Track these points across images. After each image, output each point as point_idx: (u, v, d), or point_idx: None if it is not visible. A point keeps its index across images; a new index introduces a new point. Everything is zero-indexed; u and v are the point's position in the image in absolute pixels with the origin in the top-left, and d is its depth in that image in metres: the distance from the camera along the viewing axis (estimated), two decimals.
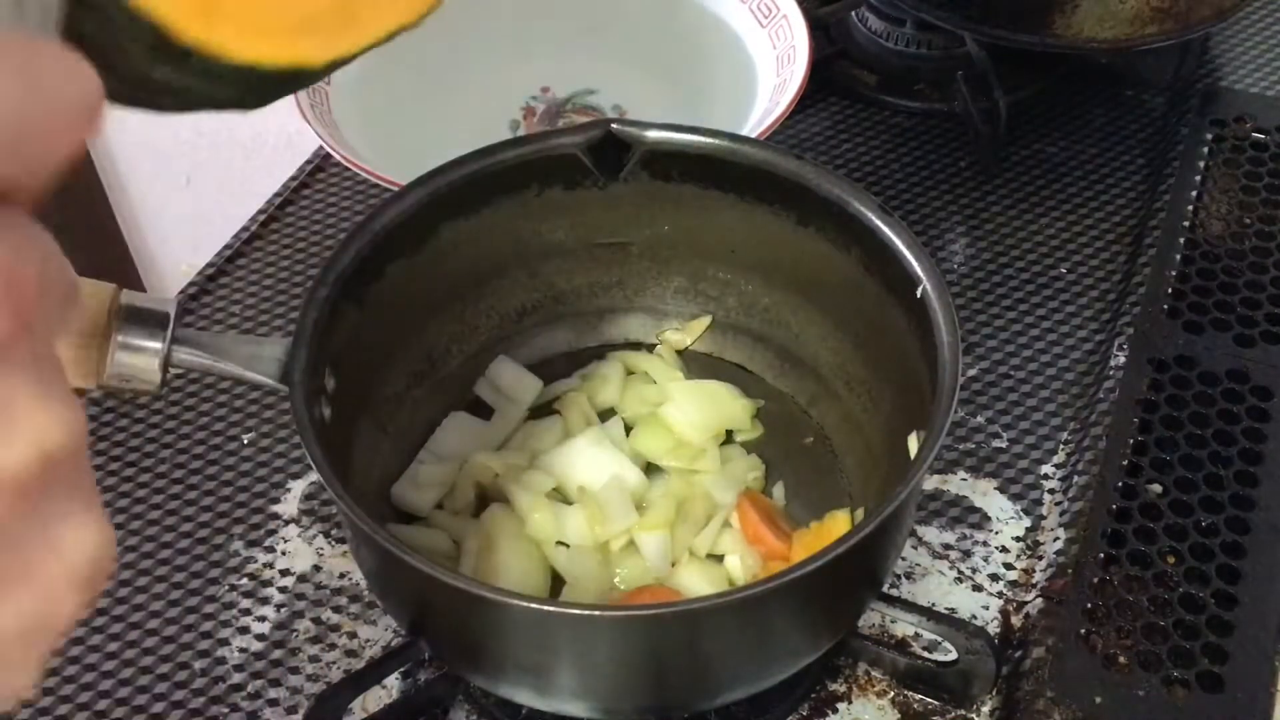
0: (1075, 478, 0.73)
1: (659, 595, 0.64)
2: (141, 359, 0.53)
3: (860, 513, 0.68)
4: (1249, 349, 0.79)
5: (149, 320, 0.53)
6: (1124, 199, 0.93)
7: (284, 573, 0.71)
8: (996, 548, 0.72)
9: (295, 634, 0.68)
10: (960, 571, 0.70)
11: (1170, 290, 0.83)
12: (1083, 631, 0.65)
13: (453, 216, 0.68)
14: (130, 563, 0.71)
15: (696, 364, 0.77)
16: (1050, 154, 0.97)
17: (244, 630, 0.68)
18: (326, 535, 0.73)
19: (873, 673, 0.66)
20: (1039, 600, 0.68)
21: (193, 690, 0.66)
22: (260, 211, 0.93)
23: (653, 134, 0.67)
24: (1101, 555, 0.68)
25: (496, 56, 0.96)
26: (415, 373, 0.72)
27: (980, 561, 0.71)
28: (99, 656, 0.67)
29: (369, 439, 0.67)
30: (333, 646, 0.68)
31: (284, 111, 0.81)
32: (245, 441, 0.78)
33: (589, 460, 0.69)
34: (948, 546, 0.72)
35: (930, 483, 0.74)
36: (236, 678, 0.66)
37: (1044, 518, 0.73)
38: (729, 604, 0.52)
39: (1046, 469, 0.75)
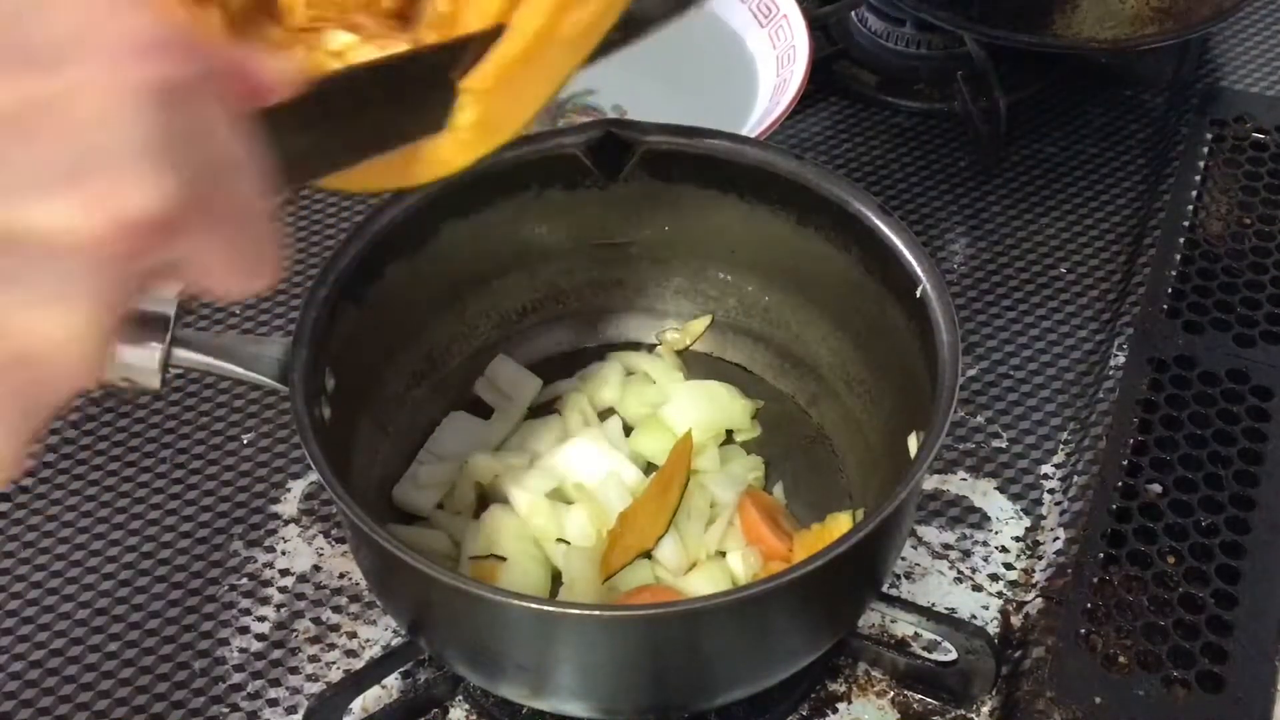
0: (1075, 478, 0.73)
1: (659, 595, 0.64)
2: (141, 359, 0.53)
3: (860, 513, 0.68)
4: (1249, 349, 0.79)
5: (149, 320, 0.53)
6: (1124, 199, 0.93)
7: (284, 573, 0.71)
8: (996, 548, 0.72)
9: (295, 634, 0.68)
10: (960, 571, 0.70)
11: (1170, 290, 0.83)
12: (1083, 631, 0.65)
13: (453, 216, 0.68)
14: (130, 563, 0.71)
15: (696, 364, 0.77)
16: (1050, 154, 0.97)
17: (244, 630, 0.68)
18: (326, 535, 0.73)
19: (873, 673, 0.66)
20: (1039, 600, 0.68)
21: (193, 690, 0.66)
22: None
23: (653, 134, 0.67)
24: (1101, 555, 0.68)
25: None
26: (415, 373, 0.72)
27: (980, 561, 0.71)
28: (99, 656, 0.67)
29: (369, 439, 0.67)
30: (333, 646, 0.68)
31: None
32: (245, 441, 0.78)
33: (588, 460, 0.69)
34: (948, 546, 0.72)
35: (930, 483, 0.74)
36: (236, 678, 0.66)
37: (1044, 518, 0.73)
38: (729, 604, 0.52)
39: (1046, 469, 0.75)
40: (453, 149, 0.49)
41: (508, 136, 0.50)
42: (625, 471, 0.69)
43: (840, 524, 0.66)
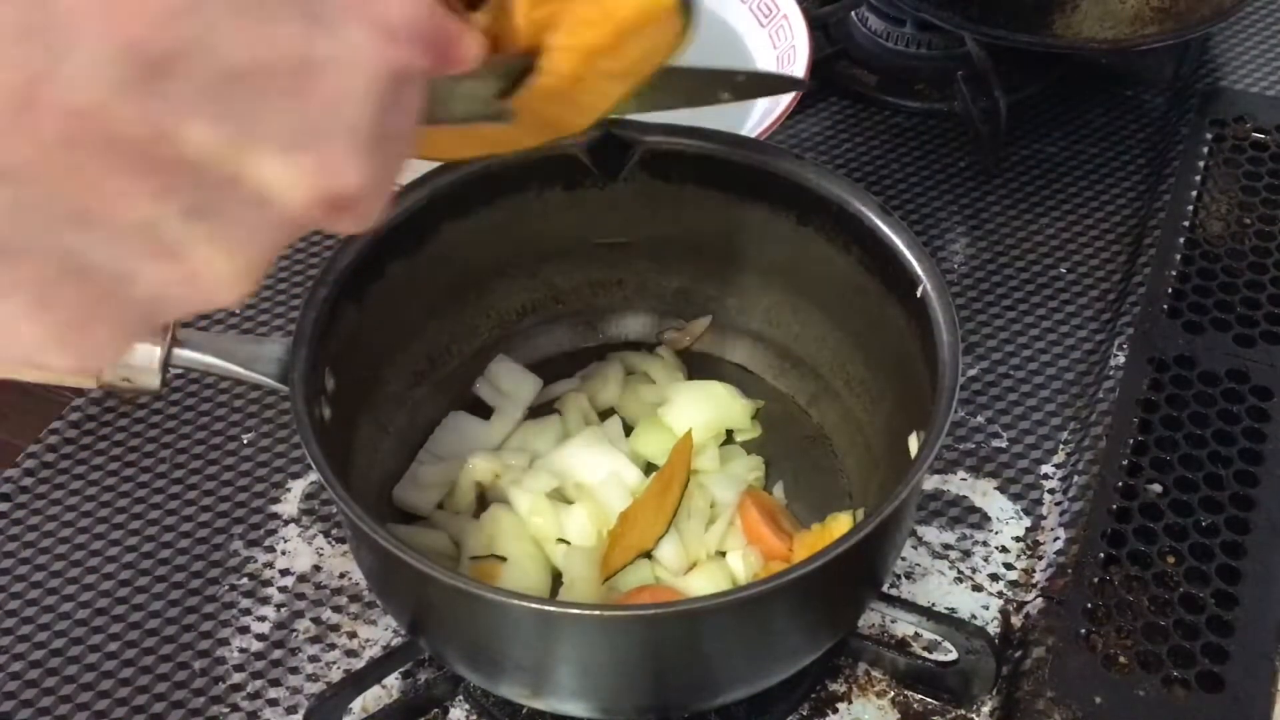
0: (1075, 478, 0.73)
1: (659, 595, 0.64)
2: (141, 359, 0.53)
3: (860, 513, 0.68)
4: (1249, 349, 0.79)
5: None
6: (1124, 199, 0.93)
7: (284, 573, 0.71)
8: (996, 548, 0.72)
9: (295, 634, 0.68)
10: (960, 571, 0.70)
11: (1170, 290, 0.83)
12: (1083, 631, 0.65)
13: (453, 216, 0.67)
14: (130, 563, 0.71)
15: (696, 364, 0.77)
16: (1050, 154, 0.97)
17: (244, 630, 0.68)
18: (326, 535, 0.73)
19: (873, 673, 0.66)
20: (1039, 600, 0.68)
21: (193, 690, 0.66)
22: None
23: (652, 134, 0.67)
24: (1101, 555, 0.68)
25: None
26: (415, 373, 0.72)
27: (980, 561, 0.71)
28: (99, 656, 0.67)
29: (369, 439, 0.67)
30: (333, 646, 0.68)
31: None
32: (245, 441, 0.78)
33: (588, 460, 0.69)
34: (948, 546, 0.72)
35: (930, 483, 0.74)
36: (236, 678, 0.66)
37: (1044, 518, 0.73)
38: (729, 604, 0.51)
39: (1046, 469, 0.75)
40: (512, 135, 0.49)
41: (567, 133, 0.50)
42: (625, 471, 0.69)
43: (840, 524, 0.66)
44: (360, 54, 0.30)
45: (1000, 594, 0.69)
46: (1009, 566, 0.71)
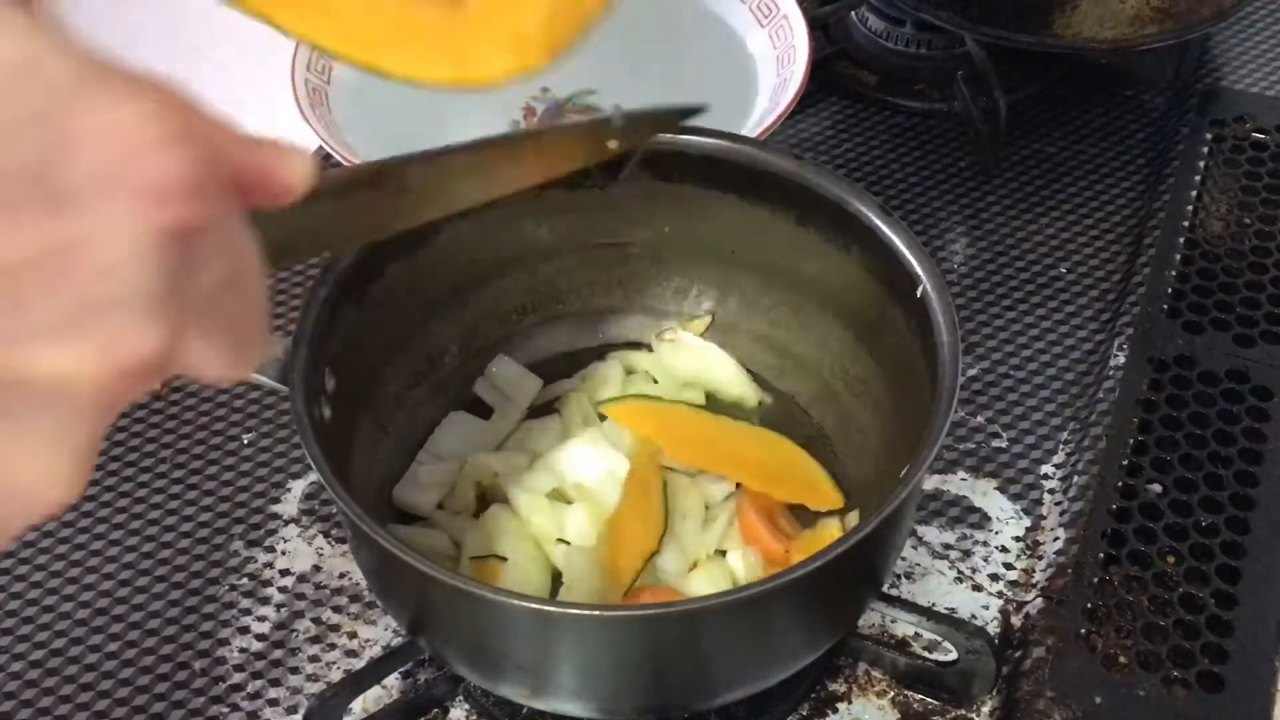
0: (1075, 478, 0.73)
1: (659, 595, 0.64)
2: None
3: (858, 513, 0.68)
4: (1249, 349, 0.79)
5: None
6: (1124, 199, 0.93)
7: (284, 573, 0.71)
8: (996, 548, 0.72)
9: (295, 634, 0.68)
10: (960, 571, 0.70)
11: (1170, 290, 0.83)
12: (1083, 631, 0.65)
13: (453, 216, 0.67)
14: (130, 563, 0.71)
15: None
16: (1050, 154, 0.97)
17: (244, 630, 0.68)
18: (326, 535, 0.73)
19: (873, 673, 0.66)
20: (1039, 600, 0.68)
21: (193, 690, 0.66)
22: None
23: None
24: (1101, 555, 0.68)
25: None
26: (415, 373, 0.72)
27: (980, 561, 0.71)
28: (99, 656, 0.67)
29: (369, 439, 0.67)
30: (333, 646, 0.68)
31: (284, 111, 0.81)
32: (245, 441, 0.78)
33: (588, 460, 0.69)
34: (948, 546, 0.72)
35: (930, 483, 0.74)
36: (236, 678, 0.66)
37: (1044, 518, 0.73)
38: (729, 604, 0.52)
39: (1046, 469, 0.75)
40: (471, 49, 0.48)
41: (522, 62, 0.49)
42: (624, 471, 0.69)
43: (829, 530, 0.66)
44: (115, 226, 0.29)
45: (1000, 594, 0.69)
46: (1009, 566, 0.71)
